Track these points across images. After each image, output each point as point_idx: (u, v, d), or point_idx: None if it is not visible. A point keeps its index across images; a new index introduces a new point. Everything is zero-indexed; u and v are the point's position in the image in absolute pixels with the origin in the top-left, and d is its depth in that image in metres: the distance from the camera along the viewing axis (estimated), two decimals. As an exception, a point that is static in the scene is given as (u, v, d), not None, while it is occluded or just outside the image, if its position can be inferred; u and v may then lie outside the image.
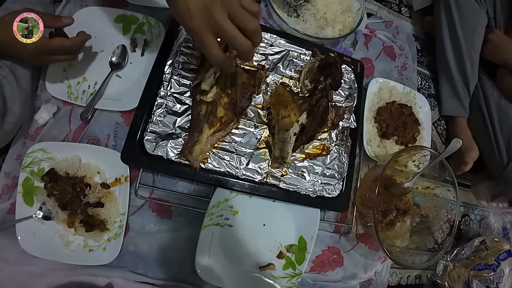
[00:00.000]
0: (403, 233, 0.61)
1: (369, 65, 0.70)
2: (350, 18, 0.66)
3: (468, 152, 0.68)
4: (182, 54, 0.51)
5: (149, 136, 0.46)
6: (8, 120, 0.43)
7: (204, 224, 0.49)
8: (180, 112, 0.48)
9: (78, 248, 0.46)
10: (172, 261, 0.50)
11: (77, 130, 0.51)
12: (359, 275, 0.59)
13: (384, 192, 0.61)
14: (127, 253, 0.48)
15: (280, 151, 0.47)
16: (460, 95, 0.72)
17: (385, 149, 0.64)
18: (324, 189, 0.52)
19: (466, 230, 0.75)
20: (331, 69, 0.52)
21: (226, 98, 0.48)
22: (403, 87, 0.69)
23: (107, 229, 0.47)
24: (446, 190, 0.60)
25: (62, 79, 0.52)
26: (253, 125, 0.51)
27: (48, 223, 0.46)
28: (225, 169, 0.48)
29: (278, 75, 0.55)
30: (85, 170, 0.48)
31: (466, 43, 0.68)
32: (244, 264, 0.50)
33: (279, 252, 0.52)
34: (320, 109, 0.49)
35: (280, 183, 0.50)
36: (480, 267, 0.65)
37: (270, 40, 0.56)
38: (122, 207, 0.48)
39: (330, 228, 0.59)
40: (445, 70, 0.73)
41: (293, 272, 0.52)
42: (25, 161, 0.46)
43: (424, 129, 0.69)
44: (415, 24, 0.83)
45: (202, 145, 0.46)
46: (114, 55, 0.54)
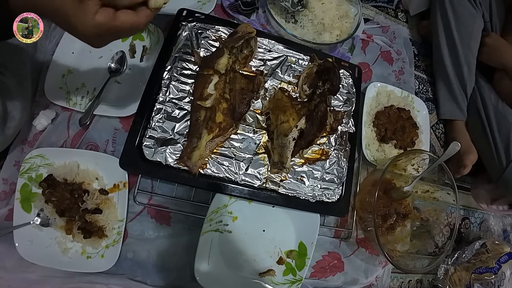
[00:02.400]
0: (403, 237, 0.61)
1: (366, 69, 0.71)
2: (347, 24, 0.67)
3: (466, 155, 0.68)
4: (180, 59, 0.51)
5: (147, 142, 0.46)
6: (8, 125, 0.44)
7: (203, 230, 0.48)
8: (179, 117, 0.48)
9: (76, 255, 0.46)
10: (171, 268, 0.49)
11: (76, 136, 0.51)
12: (360, 280, 0.58)
13: (383, 196, 0.61)
14: (125, 260, 0.48)
15: (279, 156, 0.47)
16: (458, 99, 0.72)
17: (384, 153, 0.64)
18: (323, 194, 0.52)
19: (466, 234, 0.74)
20: (329, 74, 0.52)
21: (224, 103, 0.48)
22: (401, 91, 0.70)
23: (105, 235, 0.47)
24: (445, 194, 0.60)
25: (61, 85, 0.52)
26: (252, 130, 0.51)
27: (46, 230, 0.46)
28: (224, 175, 0.48)
29: (277, 80, 0.55)
30: (83, 176, 0.48)
31: (463, 47, 0.69)
32: (243, 270, 0.50)
33: (279, 258, 0.52)
34: (318, 114, 0.49)
35: (279, 188, 0.50)
36: (481, 270, 0.64)
37: (268, 45, 0.57)
38: (121, 213, 0.48)
39: (330, 233, 0.59)
40: (442, 74, 0.74)
41: (293, 278, 0.51)
42: (23, 167, 0.46)
43: (422, 133, 0.69)
44: (411, 29, 0.84)
45: (201, 151, 0.45)
46: (113, 61, 0.54)
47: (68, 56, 0.53)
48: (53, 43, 0.53)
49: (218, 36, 0.54)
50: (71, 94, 0.52)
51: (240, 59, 0.53)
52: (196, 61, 0.51)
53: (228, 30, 0.55)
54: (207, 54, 0.52)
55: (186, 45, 0.52)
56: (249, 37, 0.51)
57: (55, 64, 0.52)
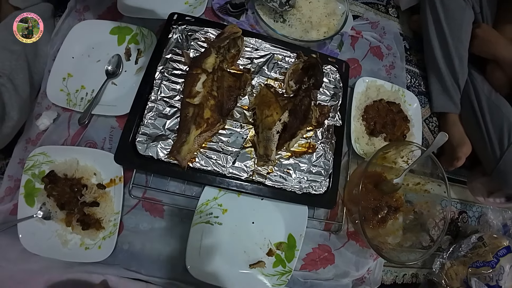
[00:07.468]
0: (395, 230, 0.61)
1: (356, 65, 0.72)
2: (334, 21, 0.68)
3: (460, 148, 0.68)
4: (171, 60, 0.54)
5: (140, 138, 0.49)
6: (6, 125, 0.47)
7: (194, 222, 0.50)
8: (169, 114, 0.51)
9: (75, 246, 0.49)
10: (165, 259, 0.51)
11: (75, 135, 0.54)
12: (351, 273, 0.58)
13: (374, 189, 0.61)
14: (121, 251, 0.50)
15: (264, 149, 0.49)
16: (450, 91, 0.72)
17: (374, 146, 0.65)
18: (310, 186, 0.53)
19: (464, 227, 0.73)
20: (314, 70, 0.54)
21: (212, 100, 0.50)
22: (391, 86, 0.70)
23: (102, 227, 0.50)
24: (436, 186, 0.60)
25: (62, 87, 0.55)
26: (239, 126, 0.53)
27: (48, 223, 0.49)
28: (212, 168, 0.50)
29: (263, 77, 0.57)
30: (82, 172, 0.51)
31: (453, 40, 0.69)
32: (234, 262, 0.51)
33: (269, 249, 0.53)
34: (302, 108, 0.51)
35: (266, 181, 0.51)
36: (478, 264, 0.63)
37: (256, 44, 0.59)
38: (117, 206, 0.50)
39: (320, 226, 0.60)
40: (434, 67, 0.74)
41: (283, 270, 0.52)
42: (27, 164, 0.50)
43: (414, 126, 0.69)
44: (402, 24, 0.84)
45: (190, 145, 0.48)
46: (110, 64, 0.58)
47: (68, 61, 0.57)
48: (54, 49, 0.57)
49: (207, 38, 0.57)
50: (71, 96, 0.55)
51: (228, 58, 0.56)
52: (186, 62, 0.54)
53: (216, 31, 0.57)
54: (196, 54, 0.55)
55: (176, 47, 0.55)
56: (235, 36, 0.53)
57: (57, 68, 0.56)
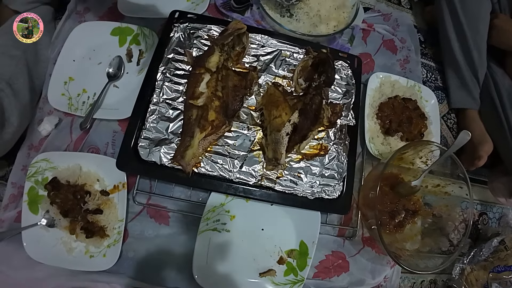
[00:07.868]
0: (413, 235, 0.57)
1: (368, 60, 0.68)
2: (345, 14, 0.64)
3: (481, 146, 0.63)
4: (173, 60, 0.52)
5: (142, 143, 0.47)
6: (6, 131, 0.46)
7: (200, 230, 0.48)
8: (172, 117, 0.49)
9: (80, 254, 0.48)
10: (171, 267, 0.49)
11: (78, 140, 0.53)
12: (367, 281, 0.55)
13: (390, 192, 0.58)
14: (126, 259, 0.49)
15: (273, 152, 0.46)
16: (469, 86, 0.67)
17: (390, 146, 0.61)
18: (323, 191, 0.50)
19: (484, 230, 0.69)
20: (324, 66, 0.51)
21: (217, 101, 0.48)
22: (407, 81, 0.66)
23: (107, 235, 0.48)
24: (458, 188, 0.56)
25: (63, 91, 0.54)
26: (246, 127, 0.50)
27: (52, 230, 0.48)
28: (218, 173, 0.47)
29: (271, 75, 0.54)
30: (85, 178, 0.50)
31: (471, 31, 0.64)
32: (243, 270, 0.49)
33: (280, 257, 0.51)
34: (313, 107, 0.48)
35: (275, 186, 0.48)
36: (500, 269, 0.59)
37: (262, 41, 0.56)
38: (121, 213, 0.49)
39: (333, 232, 0.57)
40: (451, 60, 0.69)
41: (294, 279, 0.50)
42: (29, 171, 0.48)
43: (431, 124, 0.65)
44: (416, 15, 0.79)
45: (194, 149, 0.45)
46: (111, 67, 0.56)
47: (69, 64, 0.55)
48: (55, 52, 0.56)
49: (210, 35, 0.54)
50: (72, 100, 0.54)
51: (233, 56, 0.53)
52: (189, 61, 0.52)
53: (220, 28, 0.55)
54: (199, 53, 0.53)
55: (179, 46, 0.53)
56: (239, 33, 0.51)
57: (58, 72, 0.54)
